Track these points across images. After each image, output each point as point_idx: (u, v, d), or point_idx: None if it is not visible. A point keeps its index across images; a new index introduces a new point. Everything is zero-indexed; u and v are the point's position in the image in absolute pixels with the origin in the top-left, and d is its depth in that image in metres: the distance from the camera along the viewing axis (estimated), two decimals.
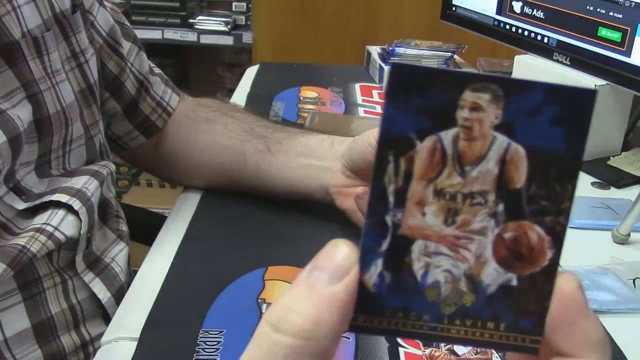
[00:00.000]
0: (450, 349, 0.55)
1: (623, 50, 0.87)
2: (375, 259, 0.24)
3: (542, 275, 0.24)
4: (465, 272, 0.24)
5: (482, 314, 0.24)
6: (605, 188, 0.88)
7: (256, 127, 0.77)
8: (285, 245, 0.70)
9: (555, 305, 0.23)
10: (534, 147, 0.23)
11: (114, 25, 0.76)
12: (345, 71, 1.35)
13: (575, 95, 0.23)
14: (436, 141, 0.24)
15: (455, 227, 0.24)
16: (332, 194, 0.70)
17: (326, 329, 0.22)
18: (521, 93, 0.23)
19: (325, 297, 0.22)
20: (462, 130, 0.23)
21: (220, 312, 0.58)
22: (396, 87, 0.23)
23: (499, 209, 0.24)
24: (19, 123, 0.58)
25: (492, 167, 0.24)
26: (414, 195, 0.24)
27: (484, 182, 0.24)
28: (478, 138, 0.23)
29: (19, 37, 0.59)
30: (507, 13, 1.08)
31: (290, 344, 0.22)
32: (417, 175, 0.24)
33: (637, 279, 0.66)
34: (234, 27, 2.23)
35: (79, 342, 0.66)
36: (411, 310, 0.24)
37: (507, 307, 0.24)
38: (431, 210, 0.24)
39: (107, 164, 0.71)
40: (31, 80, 0.60)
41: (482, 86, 0.23)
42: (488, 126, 0.23)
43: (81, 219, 0.63)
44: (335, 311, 0.22)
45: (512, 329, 0.24)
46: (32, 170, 0.62)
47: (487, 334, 0.24)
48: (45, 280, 0.63)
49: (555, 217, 0.24)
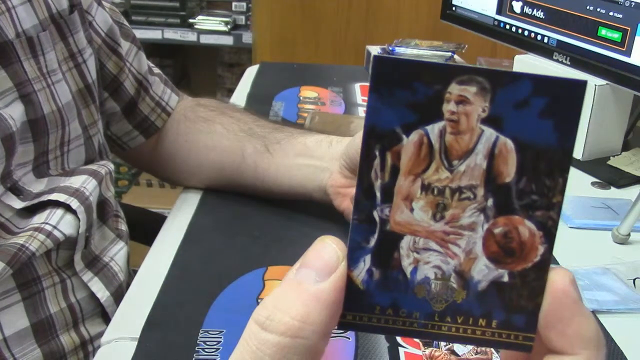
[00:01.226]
0: (450, 348, 0.54)
1: (623, 50, 0.87)
2: (364, 256, 0.24)
3: (533, 271, 0.23)
4: (455, 268, 0.24)
5: (474, 310, 0.24)
6: (605, 188, 0.88)
7: (255, 127, 0.77)
8: (285, 245, 0.70)
9: (548, 301, 0.23)
10: (523, 140, 0.23)
11: (112, 25, 0.76)
12: (345, 71, 1.35)
13: (565, 87, 0.23)
14: (422, 135, 0.23)
15: (444, 223, 0.24)
16: (330, 194, 0.70)
17: (314, 327, 0.22)
18: (508, 85, 0.23)
19: (313, 294, 0.22)
20: (449, 124, 0.23)
21: (220, 312, 0.58)
22: (380, 80, 0.23)
23: (489, 204, 0.23)
24: (11, 122, 0.58)
25: (480, 161, 0.23)
26: (401, 191, 0.24)
27: (472, 177, 0.23)
28: (465, 132, 0.23)
29: (12, 37, 0.59)
30: (507, 13, 1.08)
31: (278, 342, 0.22)
32: (404, 170, 0.23)
33: (637, 279, 0.66)
34: (234, 27, 2.23)
35: (78, 341, 0.66)
36: (401, 307, 0.24)
37: (499, 304, 0.24)
38: (419, 205, 0.24)
39: (106, 164, 0.71)
40: (25, 80, 0.60)
41: (469, 78, 0.23)
42: (475, 119, 0.23)
43: (79, 218, 0.63)
44: (323, 309, 0.22)
45: (505, 326, 0.24)
46: (30, 171, 0.62)
47: (479, 331, 0.24)
48: (44, 279, 0.63)
49: (547, 212, 0.23)
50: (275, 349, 0.22)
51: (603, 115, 0.94)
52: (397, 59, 0.23)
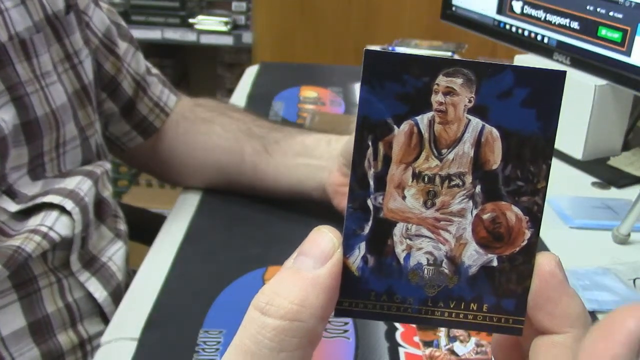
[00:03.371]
0: (450, 348, 0.54)
1: (623, 50, 0.87)
2: (358, 243, 0.25)
3: (521, 256, 0.24)
4: (447, 254, 0.25)
5: (465, 295, 0.25)
6: (605, 188, 0.88)
7: (254, 127, 0.77)
8: (285, 245, 0.70)
9: (535, 284, 0.24)
10: (508, 129, 0.24)
11: (109, 25, 0.76)
12: (345, 71, 1.35)
13: (545, 77, 0.24)
14: (412, 125, 0.24)
15: (434, 210, 0.25)
16: (329, 192, 0.70)
17: (312, 310, 0.23)
18: (492, 76, 0.24)
19: (310, 280, 0.23)
20: (437, 114, 0.24)
21: (220, 312, 0.58)
22: (371, 73, 0.24)
23: (477, 190, 0.24)
24: (3, 125, 0.58)
25: (468, 149, 0.24)
26: (393, 179, 0.24)
27: (460, 164, 0.24)
28: (453, 121, 0.24)
29: (5, 40, 0.59)
30: (507, 13, 1.08)
31: (277, 326, 0.23)
32: (395, 159, 0.24)
33: (637, 279, 0.66)
34: (234, 27, 2.23)
35: (76, 340, 0.66)
36: (395, 293, 0.25)
37: (489, 289, 0.25)
38: (411, 193, 0.25)
39: (102, 164, 0.71)
40: (17, 83, 0.60)
41: (455, 71, 0.24)
42: (462, 109, 0.24)
43: (74, 219, 0.63)
44: (320, 293, 0.23)
45: (495, 310, 0.25)
46: (25, 174, 0.62)
47: (471, 315, 0.25)
48: (40, 279, 0.63)
49: (532, 197, 0.24)
50: (274, 332, 0.23)
51: (603, 115, 0.93)
52: (386, 53, 0.23)
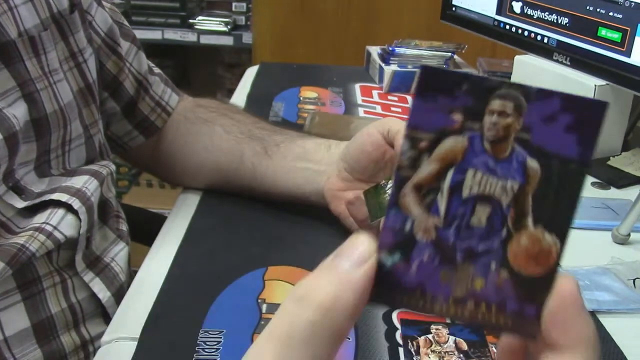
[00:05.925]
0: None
1: (623, 50, 0.87)
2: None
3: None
4: None
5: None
6: (605, 188, 0.88)
7: (254, 129, 0.77)
8: (285, 246, 0.70)
9: (557, 304, 0.25)
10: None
11: (112, 25, 0.76)
12: (345, 71, 1.35)
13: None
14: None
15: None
16: (327, 197, 0.70)
17: (344, 306, 0.24)
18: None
19: (345, 279, 0.25)
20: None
21: (220, 312, 0.58)
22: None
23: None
24: (14, 122, 0.58)
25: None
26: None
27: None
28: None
29: (15, 36, 0.59)
30: (507, 13, 1.08)
31: (309, 318, 0.24)
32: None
33: (637, 279, 0.66)
34: (234, 27, 2.23)
35: (79, 341, 0.66)
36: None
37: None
38: None
39: (107, 164, 0.72)
40: (27, 79, 0.60)
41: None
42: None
43: (80, 219, 0.63)
44: (353, 292, 0.24)
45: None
46: (31, 170, 0.62)
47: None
48: (44, 279, 0.63)
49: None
50: (306, 323, 0.24)
51: None
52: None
